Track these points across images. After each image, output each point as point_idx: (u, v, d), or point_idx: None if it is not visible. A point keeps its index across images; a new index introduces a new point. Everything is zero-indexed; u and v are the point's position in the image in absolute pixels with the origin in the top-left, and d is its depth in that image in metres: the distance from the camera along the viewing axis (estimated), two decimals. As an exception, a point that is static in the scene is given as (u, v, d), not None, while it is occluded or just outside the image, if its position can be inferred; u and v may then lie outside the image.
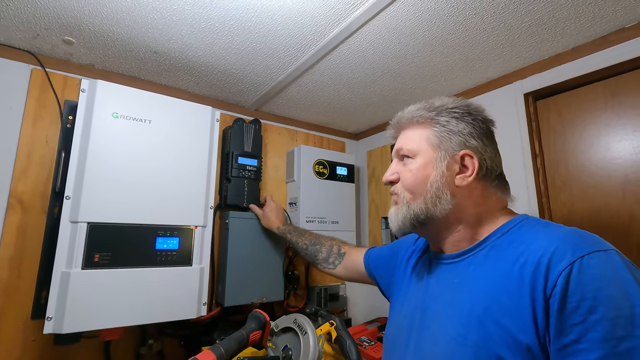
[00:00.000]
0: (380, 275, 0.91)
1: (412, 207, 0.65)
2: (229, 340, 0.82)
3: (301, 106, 1.58)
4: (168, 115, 1.11)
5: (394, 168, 0.70)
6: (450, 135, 0.64)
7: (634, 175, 1.01)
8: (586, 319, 0.45)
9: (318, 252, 1.13)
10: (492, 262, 0.58)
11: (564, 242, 0.51)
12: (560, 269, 0.48)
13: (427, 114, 0.67)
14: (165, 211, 1.06)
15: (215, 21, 0.99)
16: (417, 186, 0.64)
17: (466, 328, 0.55)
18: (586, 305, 0.45)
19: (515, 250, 0.56)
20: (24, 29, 1.02)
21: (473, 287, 0.58)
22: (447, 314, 0.60)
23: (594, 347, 0.44)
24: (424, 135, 0.66)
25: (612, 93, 1.07)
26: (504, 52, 1.14)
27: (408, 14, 0.96)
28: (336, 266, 1.07)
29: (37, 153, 1.11)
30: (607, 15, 0.95)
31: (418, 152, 0.66)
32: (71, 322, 0.88)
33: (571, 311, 0.46)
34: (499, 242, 0.60)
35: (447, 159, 0.64)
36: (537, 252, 0.52)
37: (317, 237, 1.19)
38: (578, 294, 0.45)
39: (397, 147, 0.70)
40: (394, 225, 0.68)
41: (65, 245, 0.92)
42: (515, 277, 0.53)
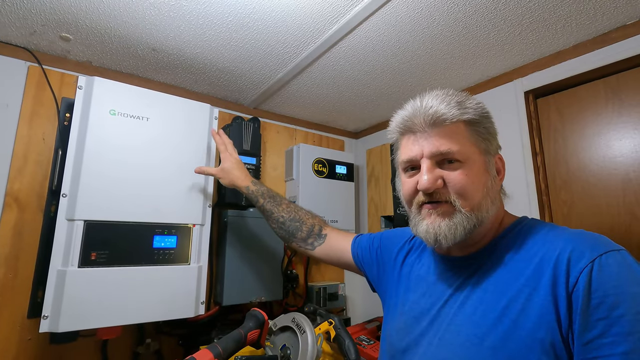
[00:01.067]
0: (370, 269, 0.88)
1: (470, 217, 0.58)
2: (226, 339, 0.82)
3: (300, 104, 1.57)
4: (166, 113, 1.10)
5: (436, 173, 0.59)
6: (491, 139, 0.63)
7: (634, 173, 1.00)
8: (610, 314, 0.45)
9: (297, 230, 1.00)
10: (505, 262, 0.58)
11: (580, 242, 0.52)
12: (581, 267, 0.49)
13: (465, 113, 0.60)
14: (162, 209, 1.05)
15: (213, 17, 0.98)
16: (475, 192, 0.58)
17: (482, 329, 0.54)
18: (609, 301, 0.46)
19: (528, 250, 0.57)
20: (20, 25, 1.01)
21: (486, 288, 0.57)
22: (460, 316, 0.58)
23: (619, 341, 0.44)
24: (471, 137, 0.60)
25: (613, 91, 1.06)
26: (504, 49, 1.13)
27: (407, 11, 0.95)
28: (315, 247, 0.98)
29: (33, 151, 1.10)
30: (608, 12, 0.94)
31: (469, 156, 0.59)
32: (67, 320, 0.87)
33: (595, 307, 0.46)
34: (509, 243, 0.60)
35: (492, 163, 0.63)
36: (554, 251, 0.53)
37: (296, 210, 1.03)
38: (601, 291, 0.47)
39: (433, 148, 0.59)
40: (448, 239, 0.58)
41: (61, 243, 0.91)
42: (530, 276, 0.53)
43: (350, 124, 1.85)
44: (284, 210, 1.03)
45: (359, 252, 0.91)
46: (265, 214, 1.05)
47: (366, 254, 0.89)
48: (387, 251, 0.84)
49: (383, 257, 0.84)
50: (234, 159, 1.12)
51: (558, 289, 0.50)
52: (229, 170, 1.09)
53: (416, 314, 0.66)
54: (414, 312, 0.67)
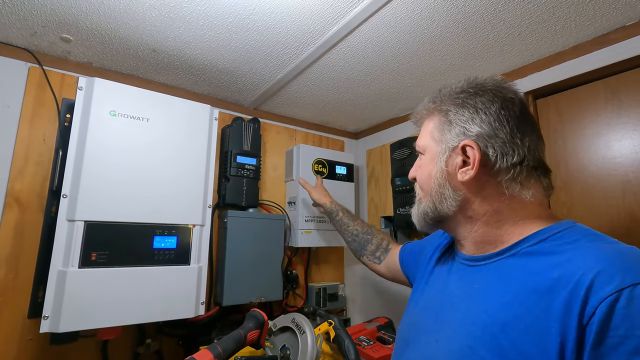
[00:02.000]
0: (411, 272, 0.86)
1: (422, 205, 0.64)
2: (226, 340, 0.82)
3: (300, 105, 1.58)
4: (166, 114, 1.11)
5: (415, 164, 0.68)
6: (449, 126, 0.58)
7: (634, 174, 1.00)
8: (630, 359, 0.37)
9: (368, 243, 1.07)
10: (520, 272, 0.51)
11: (614, 263, 0.42)
12: (604, 295, 0.39)
13: (431, 105, 0.64)
14: (163, 210, 1.06)
15: (213, 18, 0.98)
16: (424, 183, 0.63)
17: (476, 341, 0.50)
18: (632, 344, 0.37)
19: (550, 262, 0.48)
20: (21, 26, 1.01)
21: (492, 297, 0.52)
22: (459, 320, 0.55)
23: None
24: (429, 128, 0.64)
25: (613, 91, 1.07)
26: (503, 50, 1.13)
27: (407, 12, 0.95)
28: (381, 261, 1.02)
29: (34, 152, 1.10)
30: (607, 13, 0.95)
31: (426, 147, 0.64)
32: (68, 321, 0.87)
33: (611, 347, 0.38)
34: (533, 250, 0.52)
35: (446, 153, 0.58)
36: (578, 269, 0.44)
37: (369, 226, 1.14)
38: (623, 329, 0.38)
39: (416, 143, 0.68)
40: (416, 224, 0.67)
41: (62, 243, 0.92)
42: (543, 294, 0.45)
43: (350, 124, 1.85)
44: (359, 225, 1.15)
45: (405, 257, 0.92)
46: (342, 226, 1.19)
47: (409, 258, 0.90)
48: (425, 251, 0.81)
49: (421, 257, 0.82)
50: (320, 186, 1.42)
51: (569, 318, 0.41)
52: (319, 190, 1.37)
53: (426, 310, 0.65)
54: (425, 307, 0.66)
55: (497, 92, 0.58)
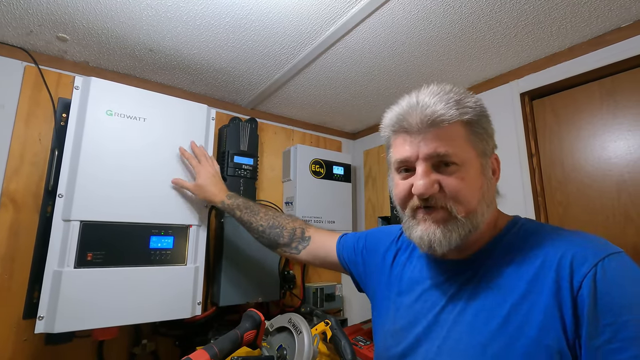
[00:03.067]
0: (356, 268, 0.86)
1: (467, 222, 0.56)
2: (223, 340, 0.82)
3: (298, 105, 1.58)
4: (163, 113, 1.10)
5: (432, 177, 0.56)
6: (489, 139, 0.60)
7: (629, 175, 1.01)
8: (617, 320, 0.45)
9: (279, 237, 0.99)
10: (503, 265, 0.56)
11: (581, 246, 0.51)
12: (585, 271, 0.48)
13: (473, 114, 0.57)
14: (159, 210, 1.05)
15: (210, 18, 0.98)
16: (471, 197, 0.56)
17: (484, 336, 0.52)
18: (615, 306, 0.46)
19: (528, 253, 0.55)
20: (17, 25, 1.01)
21: (486, 292, 0.55)
22: (461, 322, 0.56)
23: (627, 346, 0.44)
24: (468, 139, 0.57)
25: (608, 92, 1.07)
26: (500, 51, 1.13)
27: (404, 13, 0.95)
28: (300, 251, 0.97)
29: (29, 151, 1.10)
30: (602, 14, 0.95)
31: (466, 159, 0.56)
32: (63, 321, 0.87)
33: (601, 312, 0.46)
34: (509, 244, 0.58)
35: (489, 165, 0.60)
36: (555, 254, 0.52)
37: (274, 217, 1.02)
38: (606, 296, 0.46)
39: (435, 150, 0.55)
40: (443, 246, 0.56)
41: (57, 244, 0.91)
42: (532, 281, 0.52)
43: (348, 125, 1.86)
44: (262, 219, 1.02)
45: (344, 253, 0.89)
46: (245, 225, 1.05)
47: (351, 254, 0.88)
48: (373, 251, 0.82)
49: (369, 257, 0.83)
50: (208, 173, 1.09)
51: (562, 294, 0.49)
52: (203, 187, 1.07)
53: (411, 319, 0.64)
54: (409, 316, 0.65)
55: None
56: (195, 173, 1.10)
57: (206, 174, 1.09)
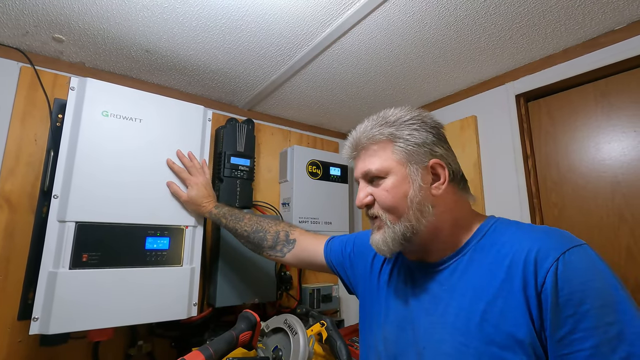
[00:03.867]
0: (344, 271, 0.89)
1: (397, 228, 0.63)
2: (218, 341, 0.82)
3: (294, 106, 1.58)
4: (159, 114, 1.10)
5: (366, 190, 0.66)
6: (416, 148, 0.63)
7: (623, 176, 1.01)
8: (577, 311, 0.48)
9: (263, 240, 1.02)
10: (478, 265, 0.59)
11: (545, 241, 0.54)
12: (547, 266, 0.51)
13: (387, 130, 0.65)
14: (155, 211, 1.05)
15: (206, 19, 0.98)
16: (398, 205, 0.62)
17: (466, 336, 0.55)
18: (576, 297, 0.48)
19: (499, 252, 0.58)
20: (12, 25, 1.01)
21: (463, 293, 0.59)
22: (443, 323, 0.59)
23: (588, 336, 0.47)
24: (390, 153, 0.64)
25: (602, 94, 1.08)
26: (495, 53, 1.14)
27: (399, 15, 0.96)
28: (285, 254, 0.99)
29: (25, 152, 1.10)
30: (596, 17, 0.96)
31: (389, 171, 0.63)
32: (58, 322, 0.87)
33: (563, 304, 0.48)
34: (480, 246, 0.62)
35: (420, 172, 0.63)
36: (522, 252, 0.54)
37: (257, 221, 1.05)
38: (567, 288, 0.49)
39: (362, 169, 0.67)
40: (384, 251, 0.65)
41: (52, 245, 0.91)
42: (504, 279, 0.55)
43: (345, 126, 1.86)
44: (246, 225, 1.05)
45: (332, 256, 0.92)
46: (232, 232, 1.08)
47: (339, 257, 0.90)
48: (361, 256, 0.85)
49: (357, 261, 0.85)
50: (199, 185, 1.10)
51: (528, 290, 0.52)
52: (194, 200, 1.09)
53: (400, 323, 0.67)
54: (398, 321, 0.68)
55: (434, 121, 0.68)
56: (187, 185, 1.10)
57: (196, 186, 1.10)
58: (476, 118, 1.35)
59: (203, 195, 1.10)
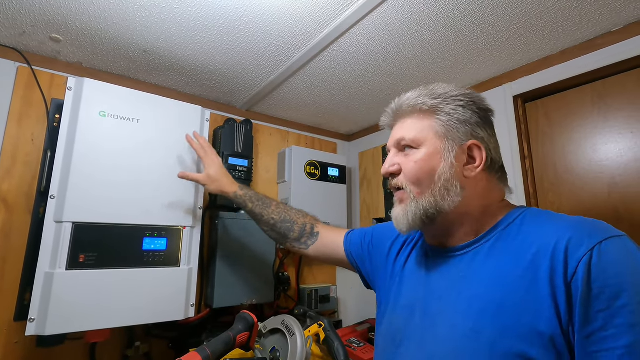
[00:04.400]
0: (363, 264, 0.87)
1: (420, 202, 0.60)
2: (215, 342, 0.81)
3: (293, 107, 1.58)
4: (156, 115, 1.10)
5: (394, 159, 0.64)
6: (457, 125, 0.61)
7: (620, 177, 1.02)
8: (611, 305, 0.44)
9: (289, 231, 0.99)
10: (500, 253, 0.57)
11: (578, 230, 0.50)
12: (579, 256, 0.47)
13: (431, 101, 0.62)
14: (153, 211, 1.05)
15: (204, 20, 0.98)
16: (424, 179, 0.60)
17: (479, 323, 0.53)
18: (610, 291, 0.44)
19: (524, 240, 0.55)
20: (9, 25, 1.00)
21: (481, 280, 0.56)
22: (455, 309, 0.57)
23: (622, 333, 0.43)
24: (428, 124, 0.62)
25: (600, 96, 1.08)
26: (493, 54, 1.14)
27: (397, 16, 0.96)
28: (309, 247, 0.97)
29: (22, 152, 1.09)
30: (593, 19, 0.96)
31: (423, 142, 0.62)
32: (54, 323, 0.86)
33: (595, 297, 0.45)
34: (505, 234, 0.58)
35: (455, 150, 0.61)
36: (551, 240, 0.51)
37: (285, 210, 1.02)
38: (601, 280, 0.45)
39: (396, 136, 0.65)
40: (403, 225, 0.62)
41: (49, 245, 0.91)
42: (528, 267, 0.51)
43: (343, 126, 1.86)
44: (274, 212, 1.01)
45: (352, 248, 0.90)
46: (256, 217, 1.03)
47: (358, 249, 0.89)
48: (380, 246, 0.83)
49: (375, 252, 0.84)
50: (217, 164, 1.07)
51: (556, 280, 0.48)
52: (216, 178, 1.05)
53: (411, 307, 0.65)
54: (409, 305, 0.66)
55: (485, 105, 0.65)
56: (205, 164, 1.08)
57: (216, 165, 1.07)
58: (474, 119, 1.35)
59: (224, 174, 1.06)
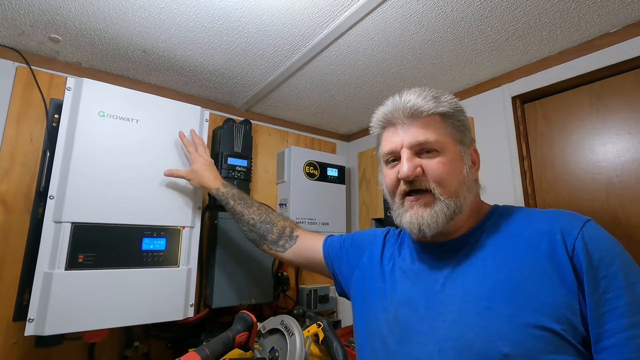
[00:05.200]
0: (340, 268, 0.88)
1: (449, 204, 0.62)
2: (214, 342, 0.82)
3: (292, 107, 1.58)
4: (156, 115, 1.10)
5: (415, 161, 0.63)
6: (465, 131, 0.67)
7: (617, 178, 1.02)
8: (608, 272, 0.52)
9: (268, 232, 0.99)
10: (496, 241, 0.62)
11: (565, 217, 0.59)
12: (575, 234, 0.55)
13: (448, 106, 0.65)
14: (152, 211, 1.05)
15: (203, 20, 0.98)
16: (452, 180, 0.63)
17: (492, 300, 0.56)
18: (605, 260, 0.53)
19: (516, 228, 0.62)
20: (8, 25, 1.00)
21: (485, 266, 0.60)
22: (463, 294, 0.59)
23: (620, 294, 0.51)
24: (446, 129, 0.65)
25: (598, 97, 1.09)
26: (491, 55, 1.15)
27: (396, 17, 0.96)
28: (286, 249, 0.97)
29: (21, 152, 1.09)
30: (591, 20, 0.97)
31: (446, 145, 0.64)
32: (53, 323, 0.86)
33: (597, 266, 0.52)
34: (496, 222, 0.65)
35: (468, 154, 0.67)
36: (543, 224, 0.59)
37: (266, 212, 1.03)
38: (597, 252, 0.53)
39: (414, 138, 0.63)
40: (431, 228, 0.62)
41: (48, 245, 0.91)
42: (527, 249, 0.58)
43: (342, 126, 1.86)
44: (254, 213, 1.02)
45: (330, 252, 0.91)
46: (236, 216, 1.04)
47: (337, 252, 0.90)
48: (360, 250, 0.85)
49: (355, 256, 0.85)
50: (203, 159, 1.10)
51: (558, 256, 0.55)
52: (198, 172, 1.07)
53: (411, 303, 0.65)
54: (408, 302, 0.66)
55: None
56: (191, 159, 1.10)
57: (202, 160, 1.09)
58: (472, 119, 1.36)
59: (208, 169, 1.08)
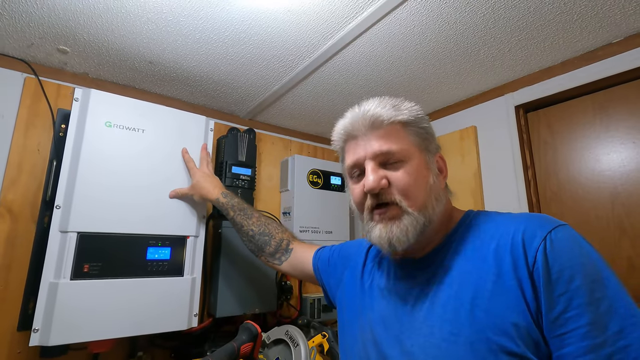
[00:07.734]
0: (328, 281, 0.87)
1: (418, 217, 0.59)
2: (219, 353, 0.81)
3: (296, 116, 1.59)
4: (161, 125, 1.11)
5: (380, 173, 0.60)
6: (430, 138, 0.64)
7: (622, 187, 1.02)
8: (569, 288, 0.47)
9: (266, 245, 1.00)
10: (463, 255, 0.59)
11: (529, 222, 0.54)
12: (536, 245, 0.50)
13: (409, 114, 0.63)
14: (157, 221, 1.05)
15: (210, 32, 1.00)
16: (418, 191, 0.59)
17: (456, 325, 0.53)
18: (566, 275, 0.48)
19: (483, 239, 0.58)
20: (18, 37, 1.02)
21: (451, 283, 0.57)
22: (431, 314, 0.57)
23: (582, 312, 0.46)
24: (409, 137, 0.62)
25: (601, 106, 1.09)
26: (495, 65, 1.16)
27: (400, 28, 0.97)
28: (282, 262, 0.99)
29: (28, 162, 1.10)
30: (594, 31, 0.98)
31: (411, 155, 0.61)
32: (58, 334, 0.86)
33: (555, 282, 0.48)
34: (464, 235, 0.61)
35: (433, 162, 0.64)
36: (507, 235, 0.54)
37: (265, 223, 1.03)
38: (557, 266, 0.48)
39: (376, 148, 0.61)
40: (403, 243, 0.59)
41: (54, 255, 0.91)
42: (492, 262, 0.54)
43: (345, 135, 1.87)
44: (254, 224, 1.02)
45: (319, 265, 0.91)
46: (236, 227, 1.05)
47: (325, 265, 0.89)
48: (345, 263, 0.84)
49: (341, 271, 0.84)
50: (201, 172, 1.11)
51: (519, 271, 0.51)
52: (195, 186, 1.09)
53: (385, 323, 0.64)
54: (382, 321, 0.65)
55: None
56: (191, 175, 1.12)
57: (200, 173, 1.11)
58: (476, 128, 1.36)
59: (207, 181, 1.09)
